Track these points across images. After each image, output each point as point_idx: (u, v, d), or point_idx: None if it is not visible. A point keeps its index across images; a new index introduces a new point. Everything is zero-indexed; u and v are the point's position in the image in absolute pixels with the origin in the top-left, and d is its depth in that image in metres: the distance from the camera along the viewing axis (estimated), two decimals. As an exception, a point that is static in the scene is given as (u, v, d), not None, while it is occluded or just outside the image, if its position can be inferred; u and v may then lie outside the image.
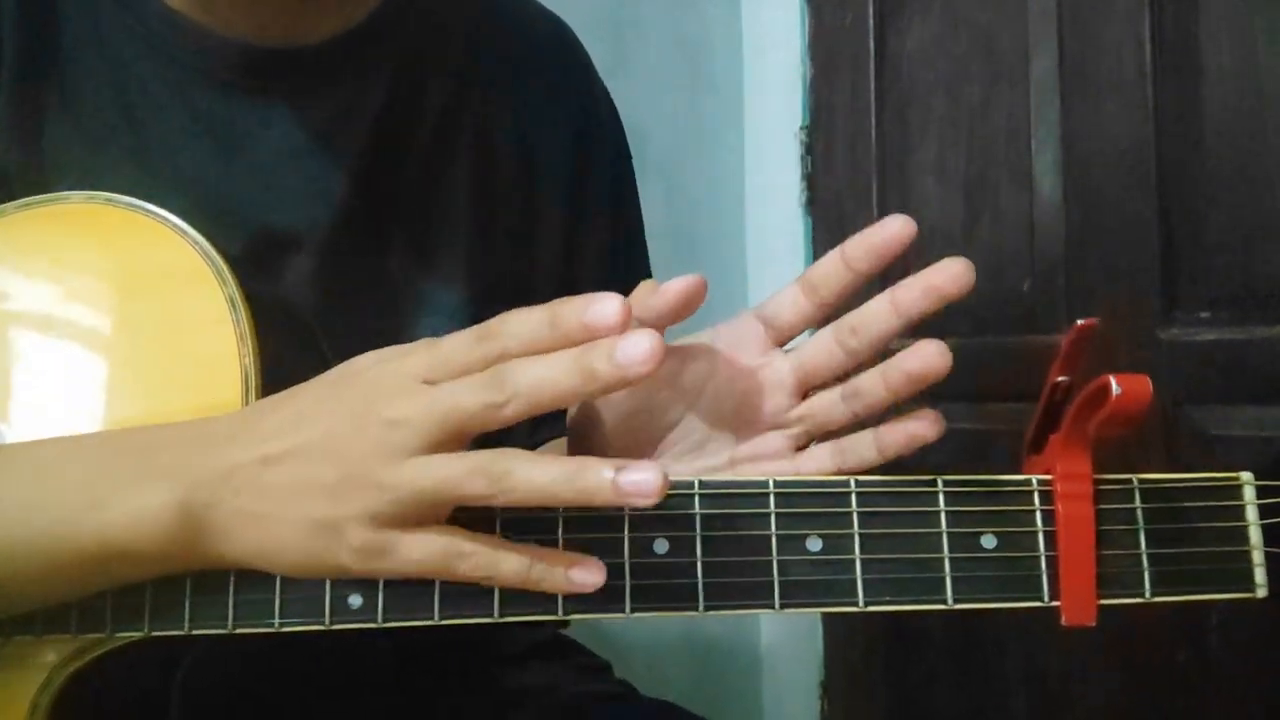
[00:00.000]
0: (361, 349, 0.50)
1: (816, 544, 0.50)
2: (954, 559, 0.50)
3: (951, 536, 0.51)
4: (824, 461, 0.54)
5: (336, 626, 0.49)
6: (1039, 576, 0.50)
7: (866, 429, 0.53)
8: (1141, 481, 0.52)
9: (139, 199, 0.56)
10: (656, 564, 0.50)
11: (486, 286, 0.71)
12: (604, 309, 0.44)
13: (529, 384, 0.44)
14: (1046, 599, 0.50)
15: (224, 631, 0.50)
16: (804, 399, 0.55)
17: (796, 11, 1.63)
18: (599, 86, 0.82)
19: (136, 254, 0.56)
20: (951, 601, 0.50)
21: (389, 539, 0.46)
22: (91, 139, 0.63)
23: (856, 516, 0.50)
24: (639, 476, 0.44)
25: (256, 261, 0.64)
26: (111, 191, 0.57)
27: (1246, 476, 0.52)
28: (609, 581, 0.48)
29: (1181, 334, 1.21)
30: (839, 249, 0.53)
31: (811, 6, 1.62)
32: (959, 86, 1.44)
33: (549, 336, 0.45)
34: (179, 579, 0.50)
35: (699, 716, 0.71)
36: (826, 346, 0.54)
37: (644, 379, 0.44)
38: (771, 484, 0.51)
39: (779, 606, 0.50)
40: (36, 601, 0.50)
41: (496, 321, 0.47)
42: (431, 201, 0.71)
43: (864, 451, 0.53)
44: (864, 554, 0.50)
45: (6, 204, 0.57)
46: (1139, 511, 0.51)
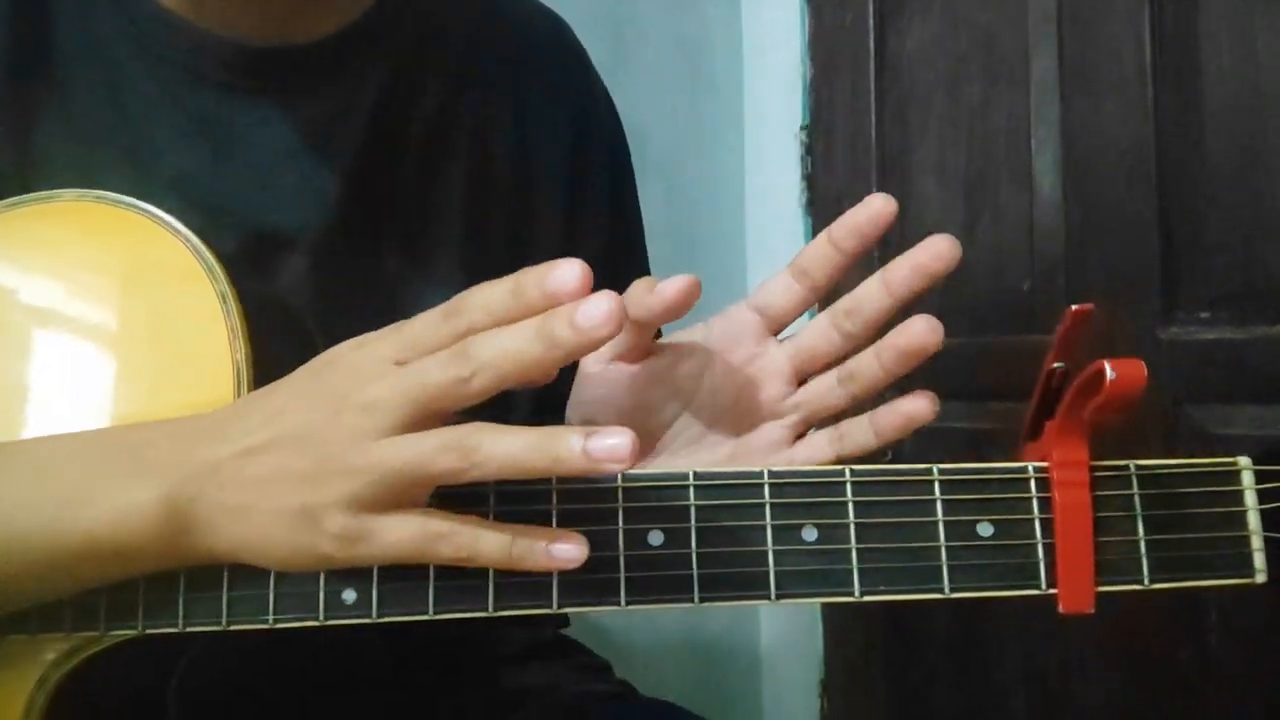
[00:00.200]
0: None
1: (812, 534, 0.50)
2: (950, 547, 0.50)
3: (948, 525, 0.50)
4: (822, 448, 0.54)
5: (331, 622, 0.49)
6: (1036, 564, 0.50)
7: (864, 414, 0.53)
8: (1139, 468, 0.52)
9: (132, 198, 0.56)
10: (651, 556, 0.50)
11: None
12: (563, 274, 0.44)
13: (493, 355, 0.44)
14: (1044, 586, 0.50)
15: (218, 628, 0.50)
16: (801, 387, 0.55)
17: (796, 11, 1.62)
18: (598, 86, 0.82)
19: (127, 251, 0.56)
20: (948, 590, 0.50)
21: (367, 524, 0.46)
22: (85, 138, 0.63)
23: (852, 506, 0.50)
24: (609, 441, 0.43)
25: (251, 261, 0.64)
26: (104, 191, 0.57)
27: (1245, 461, 0.52)
28: (604, 574, 0.48)
29: (1181, 334, 1.20)
30: (825, 231, 0.54)
31: (811, 6, 1.62)
32: (959, 86, 1.44)
33: (513, 307, 0.45)
34: (173, 576, 0.50)
35: (699, 716, 0.71)
36: (823, 331, 0.54)
37: (605, 341, 0.43)
38: (766, 474, 0.51)
39: (775, 597, 0.50)
40: (32, 598, 0.50)
41: (462, 296, 0.47)
42: (427, 201, 0.70)
43: (861, 437, 0.53)
44: (859, 544, 0.50)
45: (-2, 202, 0.57)
46: (1136, 498, 0.51)
